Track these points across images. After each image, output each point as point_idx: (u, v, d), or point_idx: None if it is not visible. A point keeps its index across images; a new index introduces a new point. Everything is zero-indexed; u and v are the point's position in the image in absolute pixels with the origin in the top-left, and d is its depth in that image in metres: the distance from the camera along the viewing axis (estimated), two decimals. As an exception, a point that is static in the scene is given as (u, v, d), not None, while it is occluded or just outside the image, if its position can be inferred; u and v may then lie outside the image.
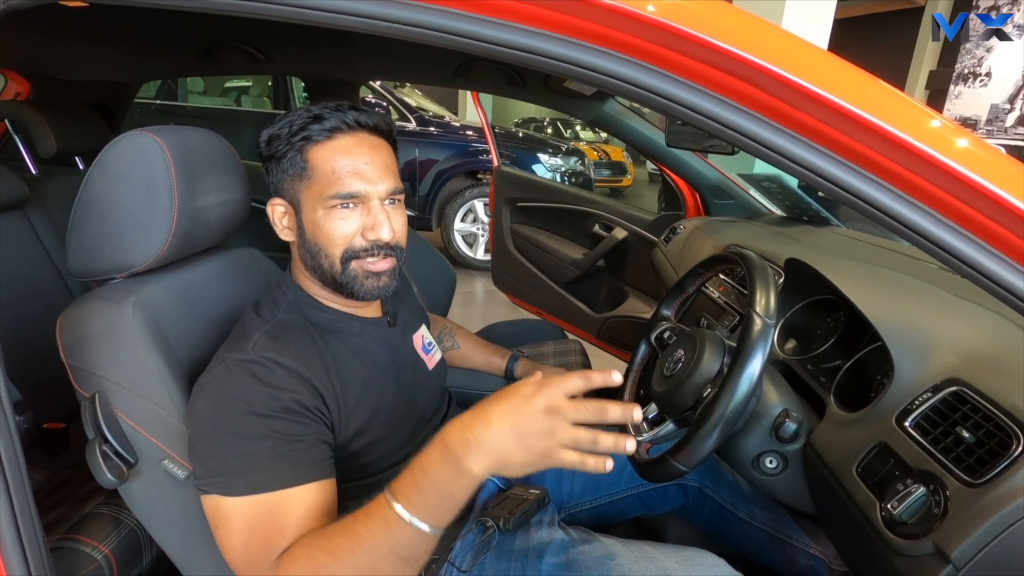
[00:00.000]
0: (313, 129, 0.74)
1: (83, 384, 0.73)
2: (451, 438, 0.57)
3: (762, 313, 0.76)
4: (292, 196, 0.77)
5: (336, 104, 0.76)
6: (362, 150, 0.75)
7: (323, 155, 0.74)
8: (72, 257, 0.76)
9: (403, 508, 0.57)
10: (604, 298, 2.19)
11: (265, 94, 4.82)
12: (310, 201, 0.75)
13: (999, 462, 0.58)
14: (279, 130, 0.75)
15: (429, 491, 0.57)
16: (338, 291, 0.79)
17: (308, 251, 0.77)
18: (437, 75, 1.75)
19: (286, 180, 0.76)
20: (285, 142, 0.75)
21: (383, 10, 0.53)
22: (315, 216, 0.75)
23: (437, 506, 0.57)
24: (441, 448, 0.57)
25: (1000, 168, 0.49)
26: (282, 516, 0.65)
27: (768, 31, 0.53)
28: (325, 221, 0.74)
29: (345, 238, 0.75)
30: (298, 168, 0.75)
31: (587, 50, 0.52)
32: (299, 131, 0.74)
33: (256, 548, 0.64)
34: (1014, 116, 10.00)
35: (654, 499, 1.07)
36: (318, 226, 0.75)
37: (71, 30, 1.29)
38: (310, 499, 0.67)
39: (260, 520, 0.64)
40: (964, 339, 0.76)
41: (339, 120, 0.74)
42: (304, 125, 0.74)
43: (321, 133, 0.74)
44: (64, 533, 0.95)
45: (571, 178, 4.82)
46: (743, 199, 1.81)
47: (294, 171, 0.75)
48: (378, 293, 0.79)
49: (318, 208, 0.74)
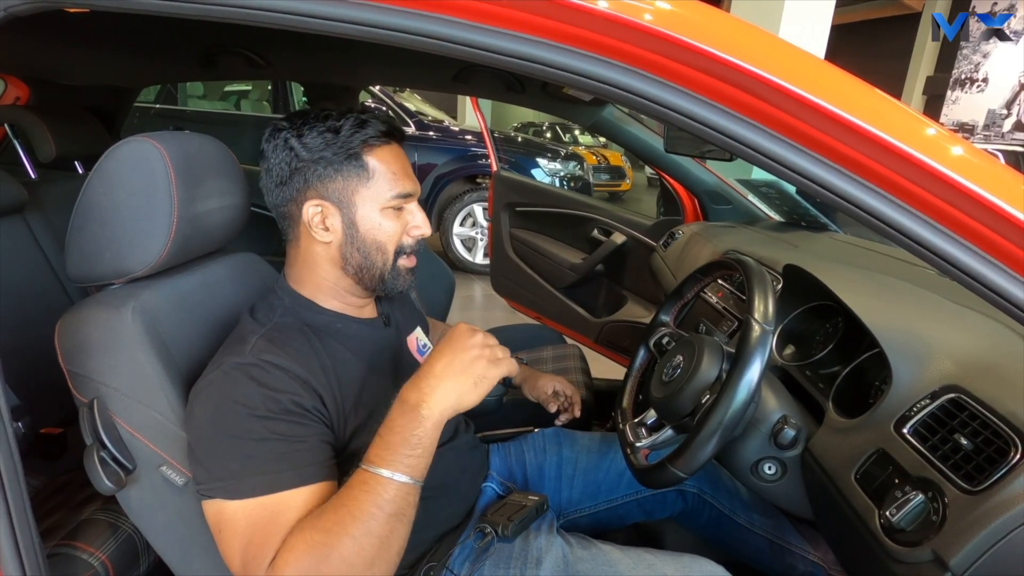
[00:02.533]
0: (369, 132, 0.77)
1: (81, 390, 0.73)
2: (406, 394, 0.67)
3: (760, 320, 0.76)
4: (340, 196, 0.77)
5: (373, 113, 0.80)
6: (405, 156, 0.82)
7: (383, 157, 0.78)
8: (71, 263, 0.76)
9: (377, 467, 0.64)
10: (603, 303, 2.19)
11: (265, 98, 4.83)
12: (366, 201, 0.77)
13: (997, 469, 0.58)
14: (323, 133, 0.76)
15: (397, 444, 0.64)
16: (373, 288, 0.82)
17: (358, 249, 0.79)
18: (436, 81, 1.76)
19: (337, 180, 0.77)
20: (338, 144, 0.76)
21: (383, 18, 0.53)
22: (373, 215, 0.78)
23: (407, 455, 0.64)
24: (399, 405, 0.67)
25: (994, 176, 0.49)
26: (282, 517, 0.65)
27: (764, 40, 0.54)
28: (384, 219, 0.79)
29: (398, 236, 0.80)
30: (355, 168, 0.76)
31: (585, 58, 0.53)
32: (354, 134, 0.76)
33: (255, 549, 0.64)
34: (1011, 121, 10.04)
35: (653, 505, 1.07)
36: (377, 224, 0.78)
37: (71, 35, 1.30)
38: (313, 501, 0.67)
39: (261, 522, 0.65)
40: (962, 346, 0.76)
41: (391, 127, 0.79)
42: (359, 127, 0.76)
43: (378, 137, 0.77)
44: (61, 539, 0.94)
45: (570, 182, 4.83)
46: (741, 204, 1.81)
47: (349, 172, 0.76)
48: (408, 286, 0.85)
49: (375, 207, 0.78)
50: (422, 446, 0.65)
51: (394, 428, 0.65)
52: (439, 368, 0.67)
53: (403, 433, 0.65)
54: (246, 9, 0.54)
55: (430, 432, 0.65)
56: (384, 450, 0.65)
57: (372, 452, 0.65)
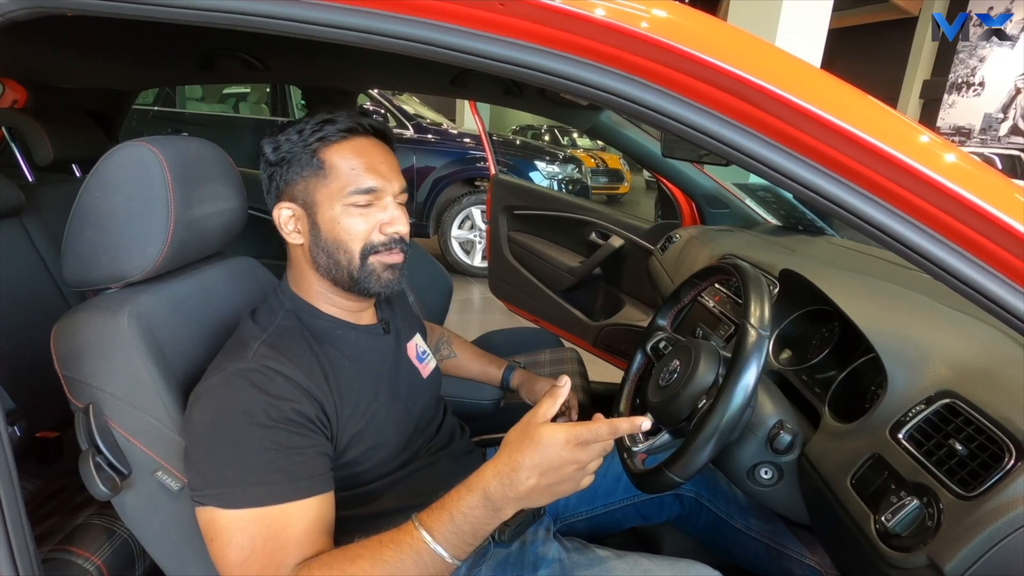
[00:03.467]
0: (328, 130, 0.76)
1: (77, 395, 0.73)
2: (492, 489, 0.62)
3: (756, 325, 0.76)
4: (305, 197, 0.77)
5: (347, 111, 0.78)
6: (375, 151, 0.78)
7: (340, 153, 0.76)
8: (68, 267, 0.76)
9: (438, 545, 0.61)
10: (601, 306, 2.20)
11: (263, 101, 4.83)
12: (327, 200, 0.76)
13: (991, 475, 0.58)
14: (288, 136, 0.77)
15: (467, 532, 0.62)
16: (351, 289, 0.80)
17: (323, 250, 0.78)
18: (434, 85, 1.76)
19: (299, 182, 0.77)
20: (298, 145, 0.76)
21: (380, 25, 0.53)
22: (333, 213, 0.76)
23: (468, 543, 0.63)
24: (483, 498, 0.62)
25: (986, 182, 0.50)
26: (283, 532, 0.64)
27: (759, 47, 0.54)
28: (344, 217, 0.76)
29: (363, 234, 0.77)
30: (313, 168, 0.76)
31: (582, 65, 0.53)
32: (313, 133, 0.76)
33: (258, 566, 0.63)
34: (1007, 125, 10.09)
35: (650, 510, 1.07)
36: (337, 223, 0.77)
37: (69, 39, 1.30)
38: (311, 514, 0.66)
39: (261, 536, 0.64)
40: (957, 351, 0.77)
41: (353, 122, 0.77)
42: (318, 128, 0.76)
43: (336, 133, 0.76)
44: (56, 544, 0.94)
45: (568, 186, 4.84)
46: (739, 208, 1.82)
47: (309, 171, 0.76)
48: (391, 287, 0.81)
49: (336, 205, 0.76)
50: (483, 536, 0.63)
51: (469, 518, 0.62)
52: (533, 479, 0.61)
53: (476, 526, 0.62)
54: (244, 16, 0.54)
55: (494, 526, 0.64)
56: (451, 531, 0.62)
57: (437, 528, 0.62)
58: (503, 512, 0.62)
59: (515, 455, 0.62)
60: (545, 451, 0.61)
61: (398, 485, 0.84)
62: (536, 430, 0.62)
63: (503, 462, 0.62)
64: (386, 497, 0.83)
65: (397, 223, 0.78)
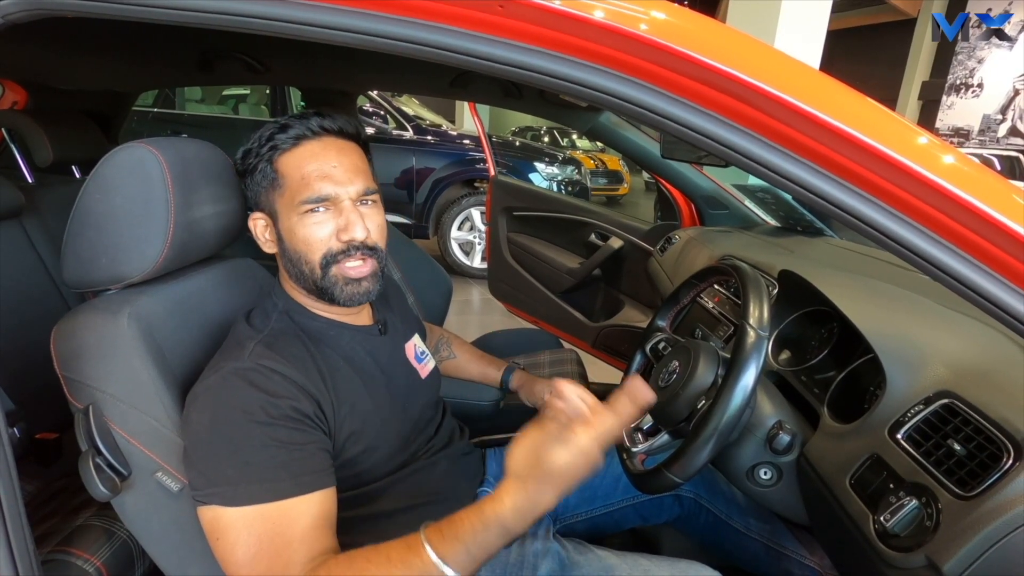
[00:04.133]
0: (279, 138, 0.75)
1: (77, 396, 0.73)
2: (511, 523, 0.60)
3: (755, 325, 0.76)
4: (269, 207, 0.78)
5: (301, 112, 0.77)
6: (328, 153, 0.76)
7: (291, 162, 0.75)
8: (67, 268, 0.76)
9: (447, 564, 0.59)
10: (600, 307, 2.20)
11: (263, 102, 4.82)
12: (284, 210, 0.76)
13: (990, 475, 0.59)
14: (251, 144, 0.77)
15: (480, 558, 0.61)
16: (322, 298, 0.79)
17: (289, 260, 0.78)
18: (434, 87, 1.77)
19: (262, 192, 0.78)
20: (255, 155, 0.77)
21: (380, 27, 0.53)
22: (290, 224, 0.76)
23: (480, 562, 0.61)
24: (500, 530, 0.60)
25: (983, 183, 0.50)
26: (288, 529, 0.64)
27: (757, 49, 0.54)
28: (300, 227, 0.75)
29: (321, 242, 0.75)
30: (270, 178, 0.76)
31: (581, 67, 0.53)
32: (266, 142, 0.76)
33: (265, 563, 0.63)
34: (1006, 126, 10.11)
35: (649, 510, 1.07)
36: (294, 233, 0.76)
37: (69, 40, 1.30)
38: (314, 510, 0.66)
39: (267, 534, 0.64)
40: (955, 351, 0.77)
41: (303, 127, 0.76)
42: (271, 135, 0.76)
43: (287, 141, 0.75)
44: (56, 545, 0.94)
45: (567, 187, 4.84)
46: (738, 209, 1.82)
47: (266, 182, 0.77)
48: (360, 298, 0.79)
49: (292, 215, 0.75)
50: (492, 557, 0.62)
51: (483, 547, 0.60)
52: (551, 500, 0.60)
53: (490, 552, 0.61)
54: (243, 17, 0.54)
55: None
56: (463, 554, 0.60)
57: (451, 556, 0.60)
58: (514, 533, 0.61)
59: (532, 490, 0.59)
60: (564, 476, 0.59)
61: (397, 486, 0.84)
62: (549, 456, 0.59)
63: (521, 498, 0.59)
64: (385, 498, 0.83)
65: (352, 228, 0.74)
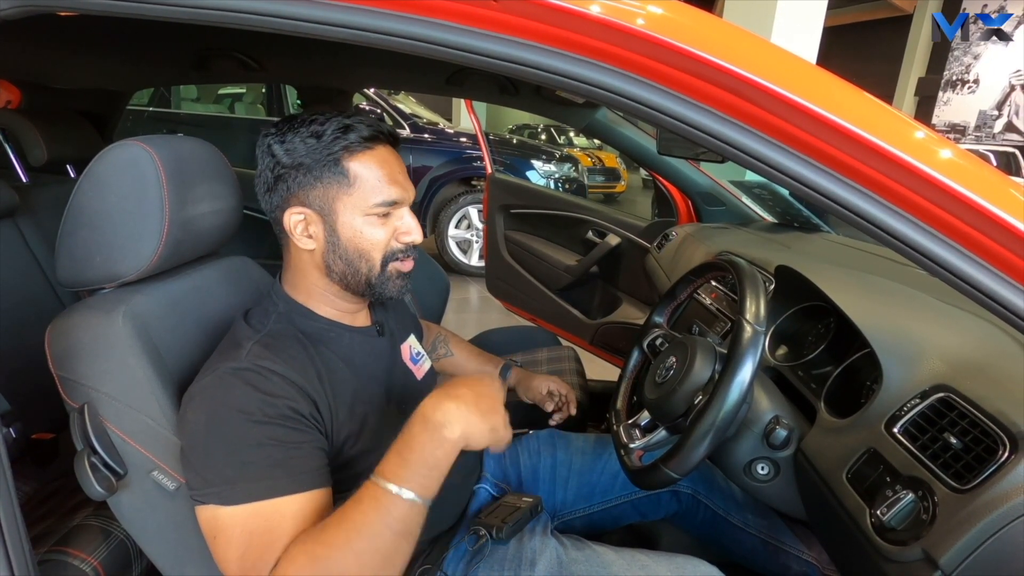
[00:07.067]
0: (352, 138, 0.74)
1: (72, 395, 0.72)
2: (429, 412, 0.64)
3: (752, 321, 0.76)
4: (322, 204, 0.76)
5: (362, 116, 0.77)
6: (394, 159, 0.79)
7: (365, 164, 0.75)
8: (62, 267, 0.76)
9: (392, 484, 0.62)
10: (598, 304, 2.20)
11: (259, 101, 4.81)
12: (349, 208, 0.75)
13: (986, 468, 0.59)
14: (304, 139, 0.74)
15: (415, 462, 0.63)
16: (363, 294, 0.81)
17: (341, 257, 0.77)
18: (430, 84, 1.76)
19: (317, 188, 0.75)
20: (319, 151, 0.74)
21: (375, 23, 0.53)
22: (354, 223, 0.76)
23: (423, 475, 0.63)
24: (422, 422, 0.64)
25: (980, 177, 0.50)
26: (279, 525, 0.64)
27: (754, 44, 0.54)
28: (368, 227, 0.77)
29: (384, 243, 0.78)
30: (336, 176, 0.74)
31: (578, 62, 0.53)
32: (336, 140, 0.74)
33: (253, 558, 0.63)
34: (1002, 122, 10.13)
35: (647, 506, 1.07)
36: (360, 232, 0.77)
37: (62, 38, 1.29)
38: (308, 508, 0.66)
39: (258, 530, 0.64)
40: (951, 345, 0.77)
41: (375, 130, 0.76)
42: (340, 134, 0.74)
43: (360, 143, 0.75)
44: (52, 545, 0.94)
45: (565, 184, 4.84)
46: (735, 206, 1.82)
47: (330, 179, 0.74)
48: (403, 291, 0.83)
49: (357, 215, 0.76)
50: (439, 468, 0.63)
51: (413, 445, 0.63)
52: (467, 398, 0.65)
53: (422, 451, 0.63)
54: (238, 14, 0.54)
55: (448, 454, 0.64)
56: (400, 467, 0.62)
57: (386, 467, 0.63)
58: (443, 433, 0.63)
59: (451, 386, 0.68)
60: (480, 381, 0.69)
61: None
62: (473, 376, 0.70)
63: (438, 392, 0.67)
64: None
65: (414, 233, 0.80)
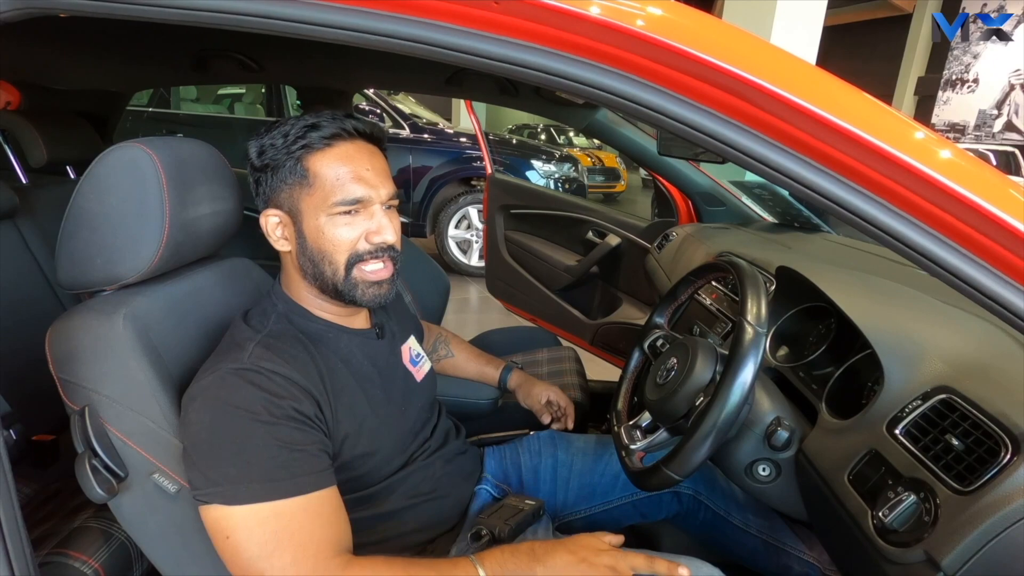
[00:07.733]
0: (312, 137, 0.74)
1: (72, 397, 0.72)
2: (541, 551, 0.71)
3: (753, 322, 0.76)
4: (290, 205, 0.76)
5: (331, 113, 0.76)
6: (362, 156, 0.76)
7: (324, 162, 0.74)
8: (62, 269, 0.76)
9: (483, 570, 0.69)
10: (598, 305, 2.20)
11: (258, 101, 4.81)
12: (312, 209, 0.75)
13: (988, 469, 0.59)
14: (273, 140, 0.75)
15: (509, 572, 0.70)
16: (337, 298, 0.79)
17: (309, 259, 0.77)
18: (430, 84, 1.76)
19: (284, 190, 0.76)
20: (282, 151, 0.74)
21: (375, 24, 0.53)
22: (318, 223, 0.75)
23: None
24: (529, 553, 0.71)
25: (979, 178, 0.50)
26: (287, 528, 0.65)
27: (753, 44, 0.54)
28: (329, 227, 0.75)
29: (349, 243, 0.76)
30: (298, 176, 0.74)
31: (578, 63, 0.53)
32: (297, 140, 0.74)
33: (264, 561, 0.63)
34: (1001, 121, 10.14)
35: (648, 507, 1.07)
36: (322, 233, 0.75)
37: (62, 40, 1.29)
38: (313, 508, 0.67)
39: (285, 530, 0.65)
40: (953, 346, 0.77)
41: (337, 127, 0.75)
42: (302, 134, 0.74)
43: (320, 141, 0.74)
44: (53, 548, 0.94)
45: (565, 184, 4.83)
46: (735, 206, 1.82)
47: (293, 180, 0.75)
48: (380, 300, 0.80)
49: (320, 215, 0.75)
50: None
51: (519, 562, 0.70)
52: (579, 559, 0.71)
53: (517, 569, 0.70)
54: (237, 16, 0.54)
55: None
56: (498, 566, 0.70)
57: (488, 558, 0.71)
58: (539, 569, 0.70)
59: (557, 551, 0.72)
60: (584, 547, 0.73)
61: (395, 488, 0.84)
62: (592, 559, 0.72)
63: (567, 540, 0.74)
64: (384, 500, 0.83)
65: (384, 232, 0.76)
